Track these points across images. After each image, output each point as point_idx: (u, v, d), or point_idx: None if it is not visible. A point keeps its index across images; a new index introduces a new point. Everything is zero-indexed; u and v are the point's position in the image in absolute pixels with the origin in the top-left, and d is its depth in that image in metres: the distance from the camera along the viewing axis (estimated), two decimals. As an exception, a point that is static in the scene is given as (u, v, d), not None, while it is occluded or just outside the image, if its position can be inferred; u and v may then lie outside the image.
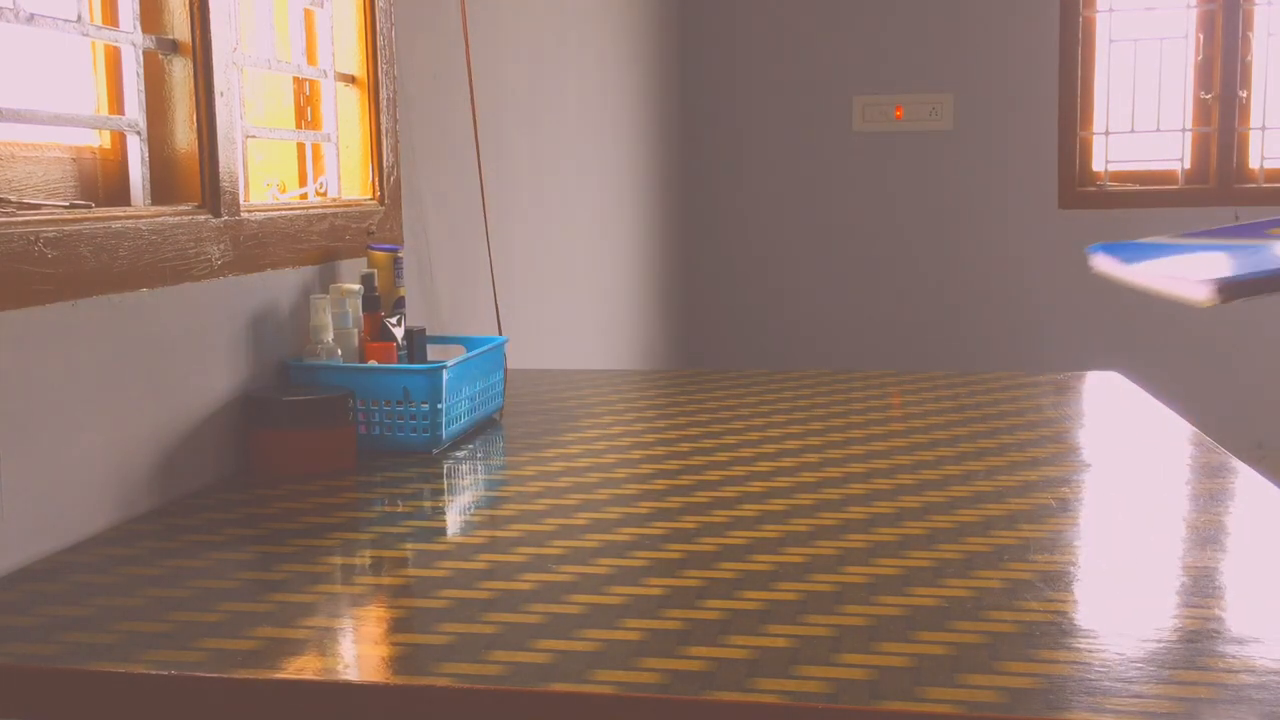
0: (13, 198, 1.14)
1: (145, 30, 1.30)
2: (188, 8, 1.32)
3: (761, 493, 1.24)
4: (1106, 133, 4.09)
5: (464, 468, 1.37)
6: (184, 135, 1.34)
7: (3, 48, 1.17)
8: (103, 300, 1.14)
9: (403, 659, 0.84)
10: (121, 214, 1.19)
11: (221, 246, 1.32)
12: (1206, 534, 1.10)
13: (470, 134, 2.07)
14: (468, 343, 1.66)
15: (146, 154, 1.31)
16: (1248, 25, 3.97)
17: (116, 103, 1.30)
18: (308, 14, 1.68)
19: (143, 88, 1.30)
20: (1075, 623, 0.88)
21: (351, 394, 1.37)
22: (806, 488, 1.26)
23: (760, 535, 1.10)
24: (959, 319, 4.22)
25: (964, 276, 4.21)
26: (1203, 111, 4.02)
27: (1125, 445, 1.51)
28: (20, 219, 1.05)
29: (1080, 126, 4.09)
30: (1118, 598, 0.94)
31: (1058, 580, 0.97)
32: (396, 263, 1.60)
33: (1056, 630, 0.86)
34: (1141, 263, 1.06)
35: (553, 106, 2.67)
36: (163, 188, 1.33)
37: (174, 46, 1.33)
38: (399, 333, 1.54)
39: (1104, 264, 1.06)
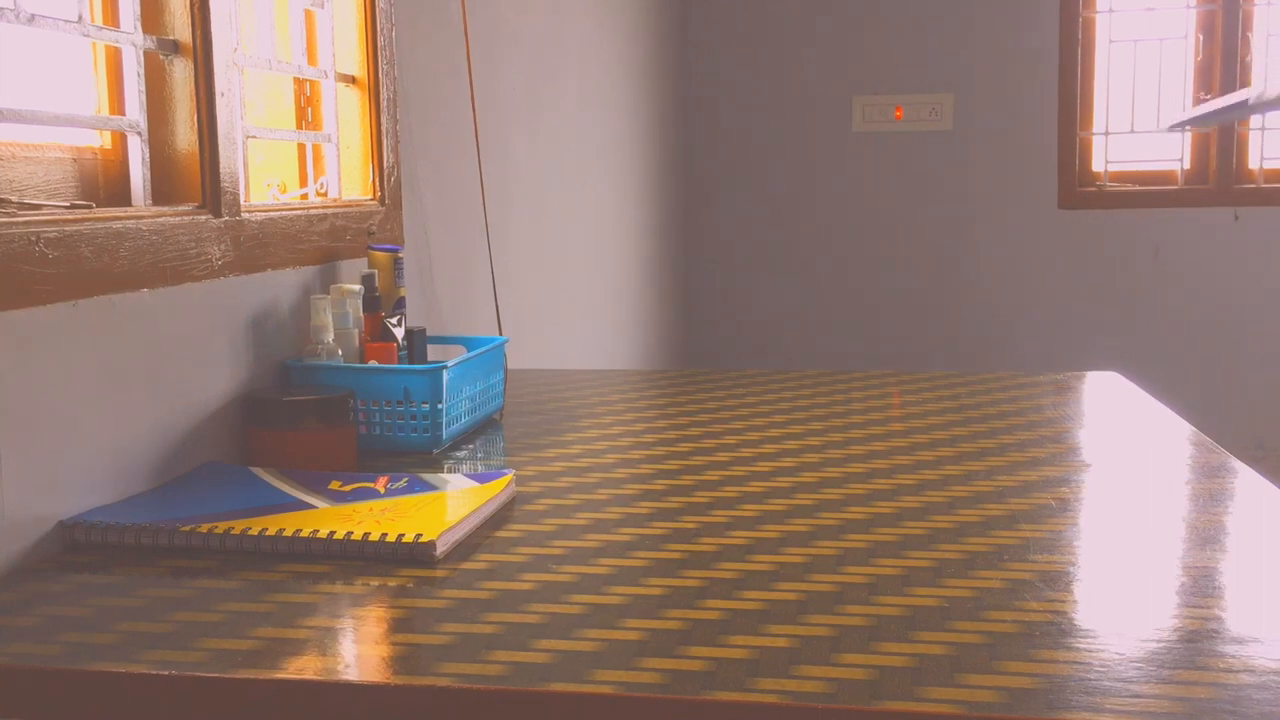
0: (13, 198, 1.14)
1: (146, 31, 1.30)
2: (188, 8, 1.32)
3: (761, 493, 1.24)
4: (1106, 133, 4.09)
5: (464, 468, 1.37)
6: (185, 136, 1.34)
7: (3, 48, 1.17)
8: (103, 300, 1.14)
9: (403, 659, 0.84)
10: (122, 214, 1.19)
11: (222, 247, 1.33)
12: (1206, 534, 1.10)
13: (470, 134, 2.07)
14: (468, 343, 1.66)
15: (147, 154, 1.31)
16: (1248, 26, 3.97)
17: (117, 103, 1.30)
18: (308, 14, 1.68)
19: (143, 88, 1.30)
20: (1075, 623, 0.88)
21: (352, 394, 1.37)
22: (806, 488, 1.26)
23: (760, 535, 1.10)
24: (959, 319, 4.22)
25: (964, 276, 4.21)
26: (1203, 111, 4.02)
27: (1125, 445, 1.51)
28: (21, 219, 1.05)
29: (1080, 126, 4.09)
30: (1118, 598, 0.94)
31: (1058, 580, 0.97)
32: (397, 263, 1.60)
33: (1056, 630, 0.86)
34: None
35: (553, 106, 2.67)
36: (163, 188, 1.33)
37: (175, 47, 1.33)
38: (399, 333, 1.54)
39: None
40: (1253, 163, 4.03)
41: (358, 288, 1.51)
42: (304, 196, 1.69)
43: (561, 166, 2.75)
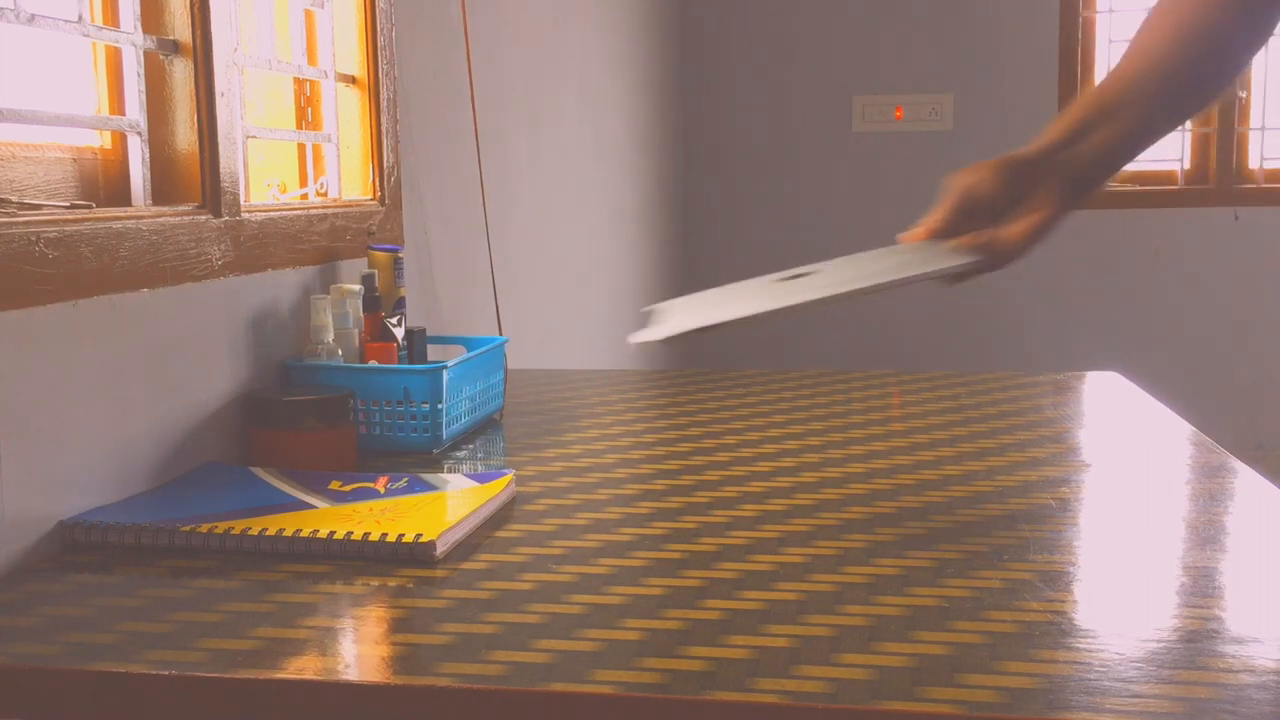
0: (13, 198, 1.14)
1: (146, 31, 1.30)
2: (188, 8, 1.32)
3: (761, 492, 1.24)
4: (1106, 133, 4.08)
5: (464, 468, 1.37)
6: (185, 136, 1.34)
7: (3, 48, 1.17)
8: (103, 300, 1.14)
9: (403, 659, 0.84)
10: (122, 214, 1.19)
11: (222, 247, 1.33)
12: (1206, 534, 1.10)
13: (470, 134, 2.07)
14: (468, 343, 1.66)
15: (147, 154, 1.31)
16: (1248, 25, 3.96)
17: (117, 103, 1.30)
18: (308, 14, 1.68)
19: (143, 88, 1.30)
20: (1075, 623, 0.88)
21: (352, 394, 1.37)
22: (806, 488, 1.26)
23: (760, 535, 1.10)
24: (959, 319, 4.23)
25: (964, 276, 4.21)
26: (1203, 111, 4.02)
27: (1125, 445, 1.51)
28: (21, 219, 1.05)
29: (1080, 126, 4.08)
30: (1118, 598, 0.94)
31: (1058, 580, 0.97)
32: (397, 263, 1.60)
33: (1056, 630, 0.86)
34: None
35: (553, 106, 2.67)
36: (163, 188, 1.33)
37: (175, 47, 1.33)
38: (399, 333, 1.54)
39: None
40: (1253, 163, 4.03)
41: (358, 288, 1.51)
42: (304, 196, 1.69)
43: (562, 166, 2.75)
